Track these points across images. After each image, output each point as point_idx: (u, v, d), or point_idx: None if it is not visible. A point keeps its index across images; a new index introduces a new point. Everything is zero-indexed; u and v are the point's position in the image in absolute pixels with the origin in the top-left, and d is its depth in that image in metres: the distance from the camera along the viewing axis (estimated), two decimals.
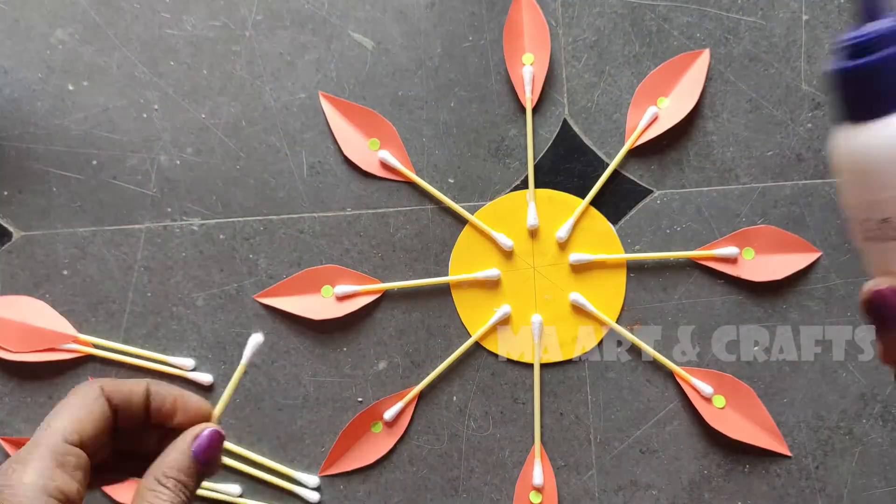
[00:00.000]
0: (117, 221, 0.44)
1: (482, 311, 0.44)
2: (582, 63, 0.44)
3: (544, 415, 0.43)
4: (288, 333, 0.44)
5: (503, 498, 0.43)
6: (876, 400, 0.43)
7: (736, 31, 0.44)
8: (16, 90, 0.44)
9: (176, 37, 0.44)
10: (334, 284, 0.44)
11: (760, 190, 0.43)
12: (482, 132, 0.44)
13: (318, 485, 0.43)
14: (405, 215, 0.44)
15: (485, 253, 0.44)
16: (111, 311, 0.44)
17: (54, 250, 0.44)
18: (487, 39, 0.44)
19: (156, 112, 0.44)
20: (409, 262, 0.44)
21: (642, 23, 0.44)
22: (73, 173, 0.44)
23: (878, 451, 0.43)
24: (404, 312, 0.44)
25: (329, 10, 0.44)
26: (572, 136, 0.44)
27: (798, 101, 0.43)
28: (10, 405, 0.44)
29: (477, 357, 0.44)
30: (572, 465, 0.43)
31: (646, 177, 0.44)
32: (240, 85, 0.44)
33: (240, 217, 0.44)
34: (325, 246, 0.44)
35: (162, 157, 0.44)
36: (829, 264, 0.43)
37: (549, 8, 0.44)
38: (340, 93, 0.44)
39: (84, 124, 0.44)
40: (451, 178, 0.44)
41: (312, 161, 0.44)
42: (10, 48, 0.44)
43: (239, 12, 0.44)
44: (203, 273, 0.44)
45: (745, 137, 0.43)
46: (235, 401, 0.44)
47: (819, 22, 0.44)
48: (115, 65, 0.44)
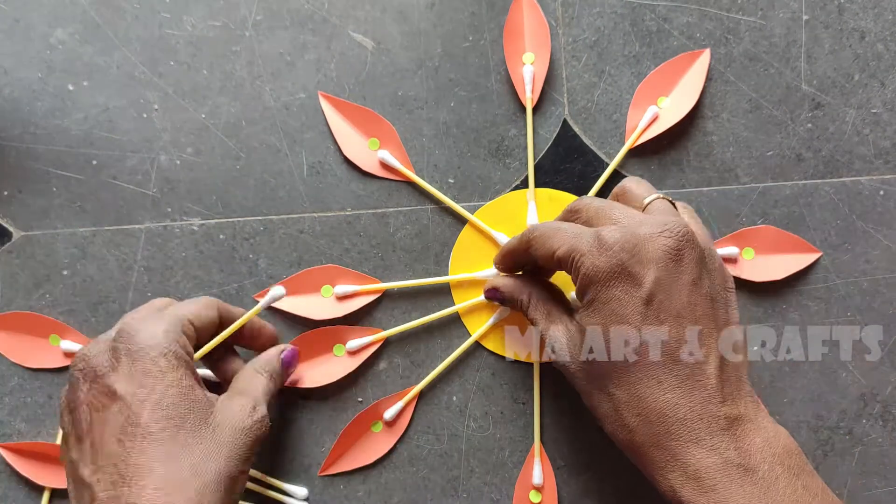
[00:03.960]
0: (117, 221, 0.44)
1: (482, 311, 0.44)
2: (582, 63, 0.44)
3: (544, 415, 0.43)
4: (288, 333, 0.44)
5: (503, 498, 0.43)
6: (876, 400, 0.43)
7: (736, 31, 0.44)
8: (16, 90, 0.44)
9: (176, 37, 0.44)
10: (334, 284, 0.44)
11: (760, 190, 0.43)
12: (482, 132, 0.44)
13: (306, 496, 0.43)
14: (405, 215, 0.44)
15: (485, 253, 0.44)
16: (111, 311, 0.44)
17: (54, 250, 0.44)
18: (487, 39, 0.44)
19: (156, 112, 0.44)
20: (409, 262, 0.44)
21: (642, 23, 0.44)
22: (73, 173, 0.44)
23: (878, 451, 0.43)
24: (404, 312, 0.44)
25: (329, 10, 0.44)
26: (572, 136, 0.44)
27: (798, 101, 0.43)
28: (10, 405, 0.44)
29: (477, 357, 0.44)
30: (572, 465, 0.43)
31: (646, 177, 0.44)
32: (240, 85, 0.44)
33: (240, 217, 0.44)
34: (325, 246, 0.44)
35: (162, 157, 0.44)
36: (829, 264, 0.43)
37: (549, 8, 0.44)
38: (340, 93, 0.44)
39: (84, 124, 0.44)
40: (451, 178, 0.44)
41: (312, 161, 0.44)
42: (10, 48, 0.44)
43: (239, 12, 0.44)
44: (203, 273, 0.44)
45: (745, 137, 0.43)
46: None
47: (819, 22, 0.44)
48: (115, 65, 0.44)
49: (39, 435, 0.44)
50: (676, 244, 0.32)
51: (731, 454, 0.30)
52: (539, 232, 0.35)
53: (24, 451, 0.44)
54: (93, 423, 0.32)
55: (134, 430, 0.31)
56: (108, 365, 0.33)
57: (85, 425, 0.33)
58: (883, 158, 0.43)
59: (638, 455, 0.33)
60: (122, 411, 0.32)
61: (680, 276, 0.32)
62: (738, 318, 0.34)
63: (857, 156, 0.43)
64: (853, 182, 0.43)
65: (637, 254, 0.32)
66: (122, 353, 0.33)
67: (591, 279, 0.32)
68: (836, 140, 0.43)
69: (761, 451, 0.31)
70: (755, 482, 0.30)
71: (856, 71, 0.43)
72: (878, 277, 0.43)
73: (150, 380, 0.33)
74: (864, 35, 0.43)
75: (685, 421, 0.31)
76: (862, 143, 0.43)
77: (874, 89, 0.43)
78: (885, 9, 0.43)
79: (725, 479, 0.30)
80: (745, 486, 0.30)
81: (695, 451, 0.31)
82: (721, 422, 0.31)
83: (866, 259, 0.43)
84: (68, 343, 0.44)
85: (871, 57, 0.43)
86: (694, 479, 0.30)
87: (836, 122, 0.43)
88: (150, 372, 0.33)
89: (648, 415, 0.31)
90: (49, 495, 0.44)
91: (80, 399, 0.33)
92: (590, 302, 0.33)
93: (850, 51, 0.43)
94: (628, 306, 0.32)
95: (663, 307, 0.31)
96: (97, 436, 0.32)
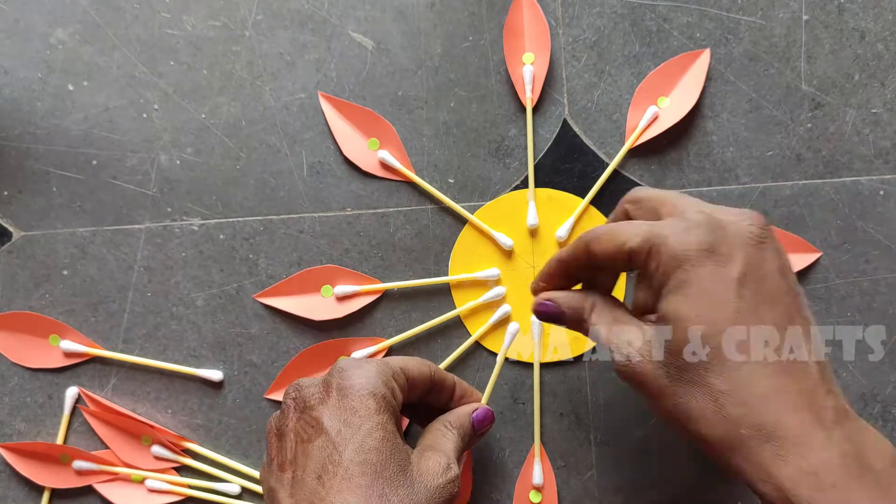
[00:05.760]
0: (117, 221, 0.44)
1: (482, 311, 0.44)
2: (582, 63, 0.44)
3: (544, 415, 0.43)
4: (288, 333, 0.44)
5: (503, 498, 0.43)
6: (876, 400, 0.43)
7: (736, 31, 0.44)
8: (16, 90, 0.44)
9: (176, 37, 0.44)
10: (334, 284, 0.44)
11: (760, 190, 0.43)
12: (482, 132, 0.44)
13: None
14: (405, 215, 0.44)
15: (485, 253, 0.44)
16: (111, 311, 0.44)
17: (54, 250, 0.44)
18: (487, 39, 0.44)
19: (156, 112, 0.44)
20: (409, 262, 0.44)
21: (642, 23, 0.44)
22: (73, 173, 0.44)
23: None
24: (404, 312, 0.44)
25: (329, 10, 0.44)
26: (572, 136, 0.44)
27: (798, 101, 0.43)
28: (10, 405, 0.44)
29: (477, 357, 0.44)
30: (572, 465, 0.43)
31: (646, 177, 0.44)
32: (240, 85, 0.44)
33: (240, 217, 0.44)
34: (325, 246, 0.44)
35: (162, 157, 0.44)
36: (829, 264, 0.43)
37: (549, 8, 0.44)
38: (340, 93, 0.44)
39: (84, 124, 0.44)
40: (451, 178, 0.44)
41: (312, 161, 0.44)
42: (10, 48, 0.44)
43: (239, 12, 0.44)
44: (203, 273, 0.44)
45: (745, 137, 0.43)
46: (235, 401, 0.44)
47: (819, 22, 0.44)
48: (115, 65, 0.44)
49: (39, 435, 0.44)
50: (760, 231, 0.31)
51: (847, 448, 0.28)
52: (600, 231, 0.33)
53: (24, 451, 0.44)
54: (297, 455, 0.32)
55: (335, 470, 0.31)
56: (318, 397, 0.33)
57: (289, 454, 0.33)
58: (883, 158, 0.43)
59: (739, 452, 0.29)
60: (326, 447, 0.32)
61: (766, 262, 0.30)
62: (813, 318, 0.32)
63: (857, 156, 0.43)
64: (853, 182, 0.43)
65: (725, 236, 0.30)
66: (332, 388, 0.33)
67: (681, 260, 0.30)
68: (836, 140, 0.43)
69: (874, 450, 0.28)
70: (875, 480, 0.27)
71: (856, 71, 0.43)
72: (878, 277, 0.43)
73: (356, 418, 0.32)
74: (864, 35, 0.43)
75: (796, 409, 0.28)
76: (862, 143, 0.43)
77: (874, 89, 0.43)
78: (885, 9, 0.43)
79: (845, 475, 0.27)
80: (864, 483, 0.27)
81: (811, 443, 0.28)
82: (830, 413, 0.28)
83: (866, 259, 0.43)
84: (68, 343, 0.44)
85: (871, 57, 0.43)
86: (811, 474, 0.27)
87: (836, 122, 0.43)
88: (357, 410, 0.32)
89: (754, 402, 0.28)
90: (49, 495, 0.44)
91: (289, 426, 0.33)
92: (679, 285, 0.30)
93: (850, 51, 0.43)
94: (722, 286, 0.29)
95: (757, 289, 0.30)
96: (300, 468, 0.32)
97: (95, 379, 0.44)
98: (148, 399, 0.44)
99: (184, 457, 0.44)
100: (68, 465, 0.43)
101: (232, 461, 0.44)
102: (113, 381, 0.44)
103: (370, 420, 0.32)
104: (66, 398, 0.44)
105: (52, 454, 0.43)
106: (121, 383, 0.44)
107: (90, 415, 0.44)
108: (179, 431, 0.44)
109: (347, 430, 0.32)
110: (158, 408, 0.44)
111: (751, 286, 0.30)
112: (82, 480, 0.43)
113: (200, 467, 0.44)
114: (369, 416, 0.32)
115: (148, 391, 0.44)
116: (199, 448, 0.44)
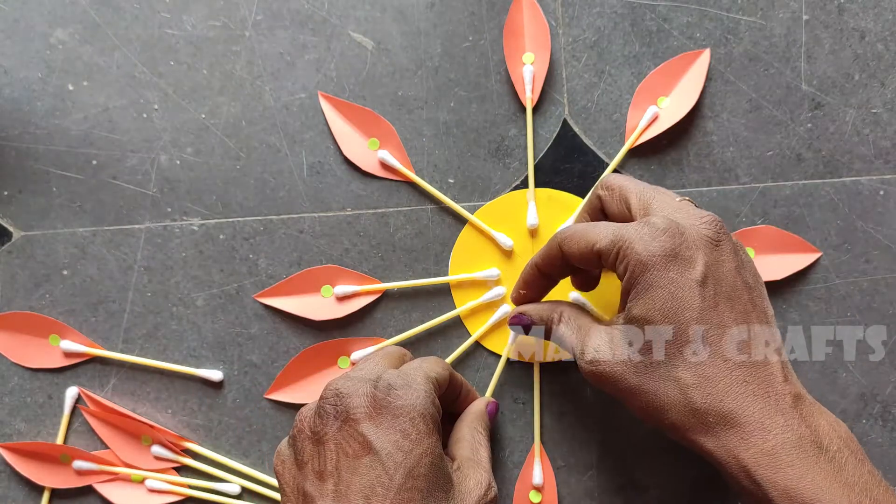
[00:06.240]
0: (117, 221, 0.44)
1: (482, 311, 0.44)
2: (582, 63, 0.44)
3: (544, 415, 0.43)
4: (288, 333, 0.44)
5: (503, 498, 0.43)
6: (876, 400, 0.43)
7: (736, 31, 0.44)
8: (16, 90, 0.44)
9: (176, 37, 0.44)
10: (334, 284, 0.44)
11: (760, 190, 0.43)
12: (482, 132, 0.44)
13: None
14: (405, 215, 0.44)
15: (485, 253, 0.44)
16: (111, 311, 0.44)
17: (54, 250, 0.44)
18: (487, 39, 0.44)
19: (156, 112, 0.44)
20: (409, 262, 0.44)
21: (642, 23, 0.44)
22: (73, 173, 0.44)
23: (878, 451, 0.43)
24: (404, 312, 0.44)
25: (329, 10, 0.44)
26: (572, 136, 0.44)
27: (798, 101, 0.43)
28: (10, 405, 0.44)
29: (477, 357, 0.44)
30: (572, 465, 0.43)
31: (646, 177, 0.44)
32: (240, 85, 0.44)
33: (240, 217, 0.44)
34: (325, 246, 0.44)
35: (162, 157, 0.44)
36: (829, 264, 0.43)
37: (549, 8, 0.44)
38: (340, 93, 0.44)
39: (84, 124, 0.44)
40: (451, 178, 0.44)
41: (312, 161, 0.44)
42: (10, 48, 0.44)
43: (239, 12, 0.44)
44: (203, 273, 0.44)
45: (745, 137, 0.43)
46: (235, 401, 0.44)
47: (819, 22, 0.44)
48: (115, 65, 0.44)
49: (39, 435, 0.44)
50: (715, 234, 0.33)
51: (803, 430, 0.31)
52: (571, 231, 0.35)
53: (24, 451, 0.44)
54: (339, 467, 0.32)
55: (385, 493, 0.31)
56: (365, 412, 0.32)
57: (330, 465, 0.32)
58: (883, 158, 0.43)
59: (706, 438, 0.32)
60: (375, 467, 0.31)
61: (723, 262, 0.33)
62: (772, 310, 0.35)
63: (857, 156, 0.43)
64: (853, 182, 0.43)
65: (685, 240, 0.33)
66: (382, 405, 0.32)
67: (646, 264, 0.32)
68: (836, 140, 0.43)
69: (828, 432, 0.31)
70: (828, 460, 0.30)
71: (856, 71, 0.43)
72: (878, 277, 0.43)
73: (408, 442, 0.32)
74: (864, 35, 0.43)
75: (756, 397, 0.31)
76: (862, 143, 0.43)
77: (874, 89, 0.43)
78: (885, 9, 0.43)
79: (802, 455, 0.30)
80: (819, 463, 0.30)
81: (770, 427, 0.31)
82: (788, 399, 0.31)
83: (866, 259, 0.43)
84: (68, 343, 0.44)
85: (871, 57, 0.43)
86: (770, 455, 0.30)
87: (836, 122, 0.43)
88: (409, 434, 0.32)
89: (718, 394, 0.31)
90: (49, 495, 0.44)
91: (329, 435, 0.32)
92: (645, 288, 0.33)
93: (850, 51, 0.43)
94: (685, 288, 0.32)
95: (716, 289, 0.32)
96: (344, 483, 0.31)
97: (95, 379, 0.44)
98: (148, 399, 0.44)
99: (184, 457, 0.44)
100: (68, 465, 0.43)
101: (232, 461, 0.44)
102: (113, 381, 0.44)
103: (421, 445, 0.32)
104: (66, 398, 0.44)
105: (52, 454, 0.43)
106: (121, 383, 0.44)
107: (90, 415, 0.44)
108: (179, 431, 0.44)
109: (399, 453, 0.31)
110: (158, 408, 0.44)
111: (710, 286, 0.32)
112: (82, 480, 0.44)
113: (200, 467, 0.44)
114: (420, 440, 0.32)
115: (148, 391, 0.44)
116: (199, 448, 0.44)
